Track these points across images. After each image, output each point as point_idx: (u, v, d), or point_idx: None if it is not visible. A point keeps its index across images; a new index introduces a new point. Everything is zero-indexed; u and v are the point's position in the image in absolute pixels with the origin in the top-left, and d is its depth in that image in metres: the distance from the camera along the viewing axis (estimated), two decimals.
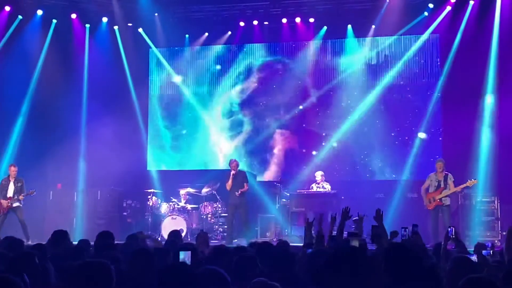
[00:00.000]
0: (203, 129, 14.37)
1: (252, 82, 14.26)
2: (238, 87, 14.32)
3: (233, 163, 11.88)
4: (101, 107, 13.47)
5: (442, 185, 10.95)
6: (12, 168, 11.63)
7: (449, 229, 6.19)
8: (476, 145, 12.23)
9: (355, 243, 4.48)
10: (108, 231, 5.65)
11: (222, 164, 13.97)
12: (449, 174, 11.01)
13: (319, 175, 12.35)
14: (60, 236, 5.79)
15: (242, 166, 12.18)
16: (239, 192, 11.55)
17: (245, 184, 11.77)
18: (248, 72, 14.29)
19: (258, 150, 14.00)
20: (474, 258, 5.74)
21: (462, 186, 10.92)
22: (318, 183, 12.26)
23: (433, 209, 10.95)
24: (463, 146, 12.22)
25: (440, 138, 13.11)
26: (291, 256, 4.59)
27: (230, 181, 11.69)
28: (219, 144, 14.28)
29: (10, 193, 11.46)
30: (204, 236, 7.16)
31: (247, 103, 14.25)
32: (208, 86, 14.45)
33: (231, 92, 14.34)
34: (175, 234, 7.03)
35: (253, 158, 13.88)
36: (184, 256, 4.28)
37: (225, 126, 14.30)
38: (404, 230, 6.04)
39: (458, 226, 9.68)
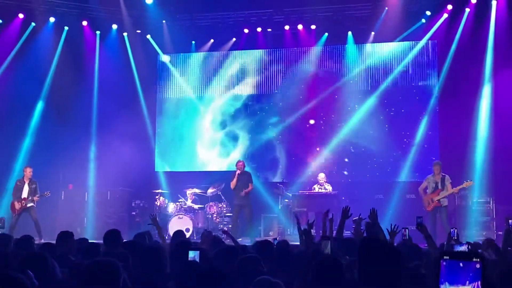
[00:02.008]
0: (209, 132, 14.63)
1: (256, 87, 14.48)
2: (244, 92, 14.54)
3: (239, 163, 12.18)
4: (111, 110, 13.67)
5: (439, 187, 11.02)
6: (28, 170, 11.73)
7: (451, 231, 6.27)
8: (472, 147, 12.43)
9: (328, 250, 4.25)
10: (116, 229, 5.63)
11: (226, 166, 14.22)
12: (446, 176, 11.09)
13: (321, 177, 12.58)
14: (66, 236, 5.82)
15: (246, 168, 12.39)
16: (243, 192, 11.83)
17: (249, 184, 11.99)
18: (252, 77, 14.51)
19: (262, 153, 14.21)
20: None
21: (458, 187, 10.95)
22: (321, 184, 12.46)
23: (431, 210, 11.00)
24: (460, 149, 12.41)
25: (438, 141, 13.30)
26: (291, 254, 4.66)
27: (234, 180, 11.90)
28: (225, 147, 14.53)
29: (24, 194, 11.61)
30: (208, 235, 7.20)
31: (251, 107, 14.47)
32: (214, 90, 14.66)
33: (236, 96, 14.58)
34: (178, 234, 7.09)
35: (256, 160, 14.08)
36: (194, 255, 4.24)
37: (231, 129, 14.54)
38: (404, 230, 6.16)
39: (455, 226, 9.94)
